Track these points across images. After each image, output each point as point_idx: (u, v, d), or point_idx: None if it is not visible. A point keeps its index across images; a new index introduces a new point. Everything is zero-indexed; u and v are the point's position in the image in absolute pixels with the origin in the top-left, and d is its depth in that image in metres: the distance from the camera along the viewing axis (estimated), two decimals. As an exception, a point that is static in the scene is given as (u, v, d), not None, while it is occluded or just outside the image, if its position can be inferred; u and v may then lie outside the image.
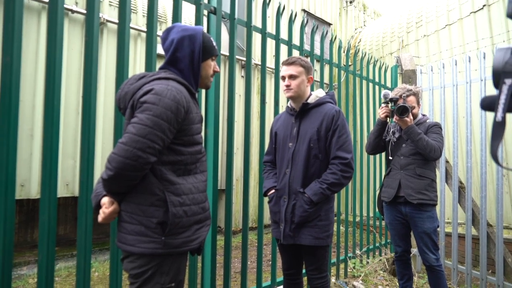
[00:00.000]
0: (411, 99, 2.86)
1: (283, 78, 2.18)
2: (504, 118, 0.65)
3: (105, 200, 1.40)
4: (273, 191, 2.23)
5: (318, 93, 2.21)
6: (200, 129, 1.54)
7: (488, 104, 0.69)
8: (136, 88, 1.42)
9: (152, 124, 1.31)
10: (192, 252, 1.53)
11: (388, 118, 2.89)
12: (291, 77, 2.15)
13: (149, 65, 2.04)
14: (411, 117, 2.74)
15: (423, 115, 2.99)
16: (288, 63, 2.17)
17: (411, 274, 3.09)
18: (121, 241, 1.41)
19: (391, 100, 2.80)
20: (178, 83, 1.44)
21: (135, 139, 1.28)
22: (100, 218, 1.40)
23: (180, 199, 1.41)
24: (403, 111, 2.69)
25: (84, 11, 1.70)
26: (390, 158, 2.94)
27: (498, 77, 0.66)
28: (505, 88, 0.64)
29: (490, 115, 4.30)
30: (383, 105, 2.88)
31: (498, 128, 0.66)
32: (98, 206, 1.43)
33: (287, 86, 2.16)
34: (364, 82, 4.26)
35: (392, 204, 2.91)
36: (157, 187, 1.38)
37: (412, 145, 2.79)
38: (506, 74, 0.65)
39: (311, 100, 2.18)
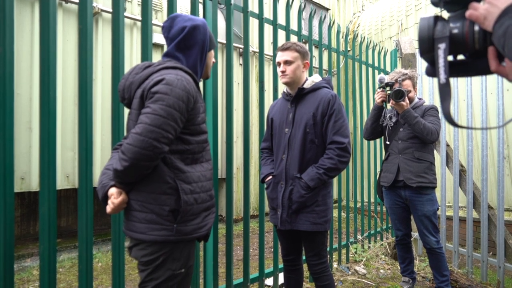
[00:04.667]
0: (407, 83, 2.85)
1: (279, 64, 2.17)
2: (447, 79, 0.71)
3: (113, 190, 1.40)
4: (270, 177, 2.22)
5: (314, 78, 2.19)
6: (205, 119, 1.55)
7: (430, 71, 0.77)
8: (143, 77, 1.42)
9: (165, 114, 1.32)
10: (199, 238, 1.55)
11: (384, 103, 2.87)
12: (286, 62, 2.13)
13: (145, 54, 2.01)
14: (407, 101, 2.72)
15: (419, 98, 2.98)
16: (283, 48, 2.15)
17: (412, 257, 3.12)
18: (131, 229, 1.42)
19: (387, 84, 2.78)
20: (185, 73, 1.45)
21: (150, 129, 1.30)
22: (109, 209, 1.40)
23: (191, 187, 1.44)
24: (399, 95, 2.68)
25: (78, 1, 1.66)
26: (388, 143, 2.94)
27: (425, 44, 0.74)
28: (440, 52, 0.71)
29: (490, 98, 4.27)
30: (378, 89, 2.86)
31: (444, 89, 0.72)
32: (106, 197, 1.42)
33: (283, 72, 2.14)
34: (364, 67, 4.22)
35: (392, 189, 2.92)
36: (168, 176, 1.40)
37: (409, 129, 2.78)
38: (438, 40, 0.72)
39: (307, 85, 2.16)
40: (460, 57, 0.77)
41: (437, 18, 0.74)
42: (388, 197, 2.99)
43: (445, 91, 0.72)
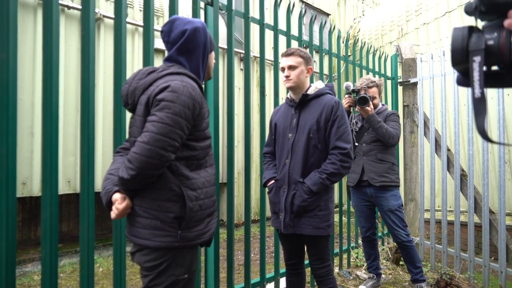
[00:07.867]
0: (374, 90, 3.10)
1: (283, 69, 2.21)
2: (482, 93, 0.68)
3: (117, 196, 1.39)
4: (272, 181, 2.24)
5: (318, 85, 2.23)
6: (209, 124, 1.55)
7: (462, 81, 0.73)
8: (146, 83, 1.41)
9: (172, 122, 1.32)
10: (202, 244, 1.55)
11: (351, 108, 3.08)
12: (291, 67, 2.17)
13: (146, 59, 2.03)
14: (372, 107, 2.94)
15: (383, 104, 3.23)
16: (287, 54, 2.20)
17: (377, 254, 3.34)
18: (135, 235, 1.42)
19: (353, 91, 3.00)
20: (190, 78, 1.44)
21: (157, 138, 1.30)
22: (113, 214, 1.40)
23: (196, 194, 1.44)
24: (364, 101, 2.90)
25: (80, 7, 1.68)
26: (357, 144, 3.14)
27: (459, 55, 0.70)
28: (475, 65, 0.68)
29: (491, 102, 4.28)
30: (346, 95, 3.06)
31: (479, 104, 0.68)
32: (110, 203, 1.42)
33: (287, 76, 2.18)
34: (364, 71, 4.24)
35: (358, 188, 3.16)
36: (173, 183, 1.40)
37: (373, 133, 3.02)
38: (473, 53, 0.68)
39: (311, 91, 2.20)
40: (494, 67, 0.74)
41: (471, 29, 0.71)
42: (355, 196, 3.21)
43: (480, 106, 0.68)
